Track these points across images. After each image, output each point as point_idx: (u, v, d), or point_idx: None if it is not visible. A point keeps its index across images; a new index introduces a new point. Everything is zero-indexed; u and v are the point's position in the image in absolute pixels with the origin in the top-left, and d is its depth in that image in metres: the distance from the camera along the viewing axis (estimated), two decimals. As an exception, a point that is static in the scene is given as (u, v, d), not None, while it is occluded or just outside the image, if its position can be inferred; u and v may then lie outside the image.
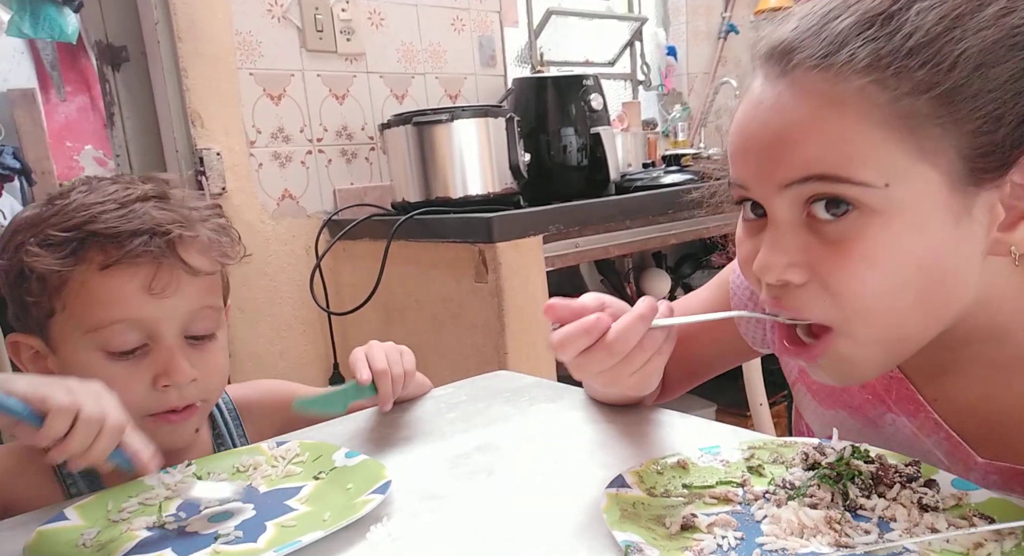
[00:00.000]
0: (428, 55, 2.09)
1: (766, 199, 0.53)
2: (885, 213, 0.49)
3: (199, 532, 0.58)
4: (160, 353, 0.71)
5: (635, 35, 2.74)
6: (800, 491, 0.53)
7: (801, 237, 0.52)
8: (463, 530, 0.55)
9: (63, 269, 0.68)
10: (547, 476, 0.63)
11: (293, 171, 1.87)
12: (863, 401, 0.65)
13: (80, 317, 0.70)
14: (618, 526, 0.49)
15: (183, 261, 0.72)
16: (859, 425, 0.66)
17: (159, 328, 0.71)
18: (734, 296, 0.78)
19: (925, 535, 0.48)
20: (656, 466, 0.59)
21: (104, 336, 0.70)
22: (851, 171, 0.49)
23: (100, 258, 0.69)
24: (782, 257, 0.52)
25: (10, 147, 2.63)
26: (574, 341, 0.55)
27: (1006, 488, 0.57)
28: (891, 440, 0.63)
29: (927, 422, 0.61)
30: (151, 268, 0.70)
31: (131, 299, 0.70)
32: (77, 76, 3.07)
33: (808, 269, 0.52)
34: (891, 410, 0.63)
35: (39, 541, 0.56)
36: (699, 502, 0.55)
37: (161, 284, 0.70)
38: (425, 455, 0.70)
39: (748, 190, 0.54)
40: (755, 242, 0.55)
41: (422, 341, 1.67)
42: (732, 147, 0.55)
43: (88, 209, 0.70)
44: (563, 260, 1.60)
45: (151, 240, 0.70)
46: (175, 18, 1.68)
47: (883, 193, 0.48)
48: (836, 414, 0.68)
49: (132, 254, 0.69)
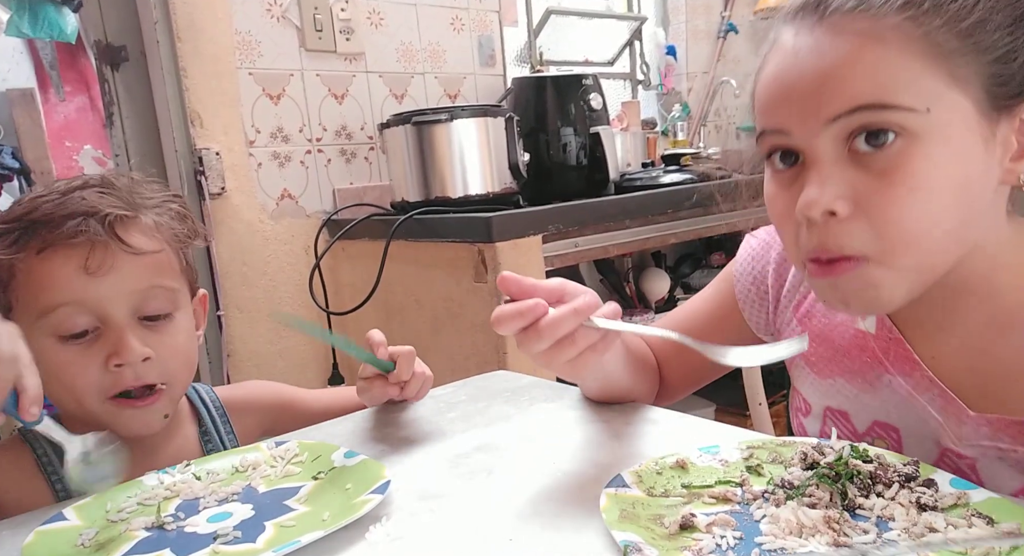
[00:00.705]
0: (427, 55, 2.09)
1: (808, 140, 0.56)
2: (926, 138, 0.53)
3: (198, 532, 0.58)
4: (110, 334, 0.72)
5: (634, 35, 2.74)
6: (799, 491, 0.53)
7: (846, 172, 0.55)
8: (463, 530, 0.55)
9: (6, 257, 0.71)
10: (547, 476, 0.63)
11: (292, 171, 1.87)
12: (861, 365, 0.68)
13: (29, 304, 0.71)
14: (617, 526, 0.49)
15: (120, 239, 0.73)
16: (856, 390, 0.68)
17: (106, 309, 0.72)
18: (738, 283, 0.81)
19: (924, 535, 0.48)
20: (655, 466, 0.59)
21: (53, 321, 0.71)
22: (896, 98, 0.53)
23: (37, 244, 0.71)
24: (829, 190, 0.55)
25: (9, 147, 2.63)
26: (509, 320, 0.58)
27: (995, 438, 0.59)
28: (887, 401, 0.66)
29: (922, 380, 0.63)
30: (85, 248, 0.71)
31: (70, 280, 0.71)
32: (76, 76, 3.07)
33: (853, 202, 0.55)
34: (888, 371, 0.66)
35: (37, 541, 0.56)
36: (698, 502, 0.55)
37: (96, 263, 0.71)
38: (425, 455, 0.70)
39: (788, 135, 0.57)
40: (789, 193, 0.58)
41: (422, 341, 1.67)
42: (768, 97, 0.59)
43: (32, 201, 0.73)
44: (562, 260, 1.60)
45: (84, 221, 0.71)
46: (175, 18, 1.68)
47: (925, 118, 0.53)
48: (833, 382, 0.70)
49: (65, 236, 0.70)
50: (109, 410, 0.73)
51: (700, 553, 0.47)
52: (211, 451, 0.86)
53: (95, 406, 0.73)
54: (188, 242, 0.80)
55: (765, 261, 0.79)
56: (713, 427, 0.71)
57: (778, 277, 0.77)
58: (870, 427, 0.68)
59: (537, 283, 0.61)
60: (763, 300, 0.79)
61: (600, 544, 0.50)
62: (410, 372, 0.79)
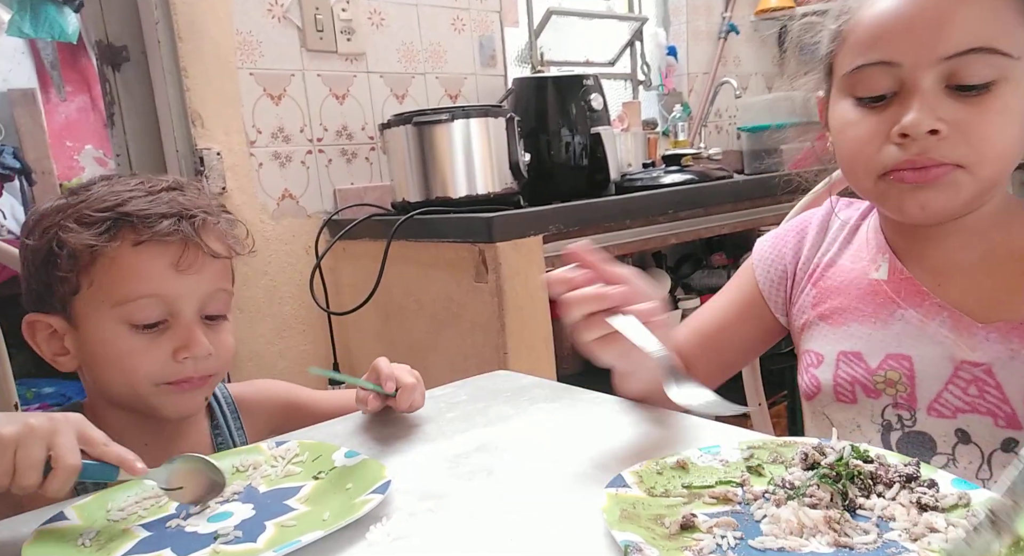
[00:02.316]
0: (428, 55, 2.09)
1: (916, 72, 0.65)
2: (1013, 81, 0.65)
3: (198, 532, 0.58)
4: (180, 328, 0.77)
5: (635, 35, 2.74)
6: (799, 491, 0.53)
7: (946, 101, 0.65)
8: (463, 530, 0.55)
9: (98, 244, 0.74)
10: (547, 476, 0.63)
11: (293, 171, 1.87)
12: (875, 308, 0.77)
13: (109, 291, 0.75)
14: (617, 526, 0.49)
15: (205, 243, 0.78)
16: (869, 330, 0.77)
17: (180, 305, 0.77)
18: (758, 269, 0.88)
19: (925, 535, 0.48)
20: (656, 466, 0.59)
21: (130, 309, 0.75)
22: (1002, 44, 0.64)
23: (132, 236, 0.75)
24: (932, 113, 0.65)
25: (10, 147, 2.63)
26: (555, 283, 0.67)
27: (1006, 343, 0.69)
28: (900, 334, 0.75)
29: (932, 308, 0.73)
30: (179, 247, 0.77)
31: (158, 275, 0.76)
32: (77, 76, 3.07)
33: (950, 124, 0.65)
34: (900, 307, 0.75)
35: (38, 541, 0.56)
36: (698, 502, 0.55)
37: (187, 262, 0.77)
38: (425, 455, 0.70)
39: (896, 67, 0.66)
40: (879, 118, 0.68)
41: (422, 341, 1.67)
42: (881, 29, 0.68)
43: (119, 195, 0.77)
44: (563, 260, 1.60)
45: (179, 222, 0.77)
46: (175, 18, 1.68)
47: (1016, 63, 0.64)
48: (848, 328, 0.79)
49: (161, 234, 0.75)
50: (158, 393, 0.78)
51: (701, 553, 0.47)
52: (221, 446, 0.88)
53: (146, 389, 0.77)
54: (242, 251, 0.85)
55: (782, 246, 0.88)
56: (713, 427, 0.71)
57: (795, 254, 0.87)
58: (883, 360, 0.75)
59: (598, 262, 0.67)
60: (782, 278, 0.87)
61: (600, 544, 0.50)
62: (408, 404, 0.79)
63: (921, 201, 0.68)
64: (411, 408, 0.80)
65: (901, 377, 0.74)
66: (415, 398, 0.80)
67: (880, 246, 0.79)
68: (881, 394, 0.75)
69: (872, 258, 0.79)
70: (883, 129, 0.68)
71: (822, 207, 0.89)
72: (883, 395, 0.75)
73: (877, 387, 0.75)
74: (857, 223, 0.84)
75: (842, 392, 0.77)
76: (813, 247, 0.85)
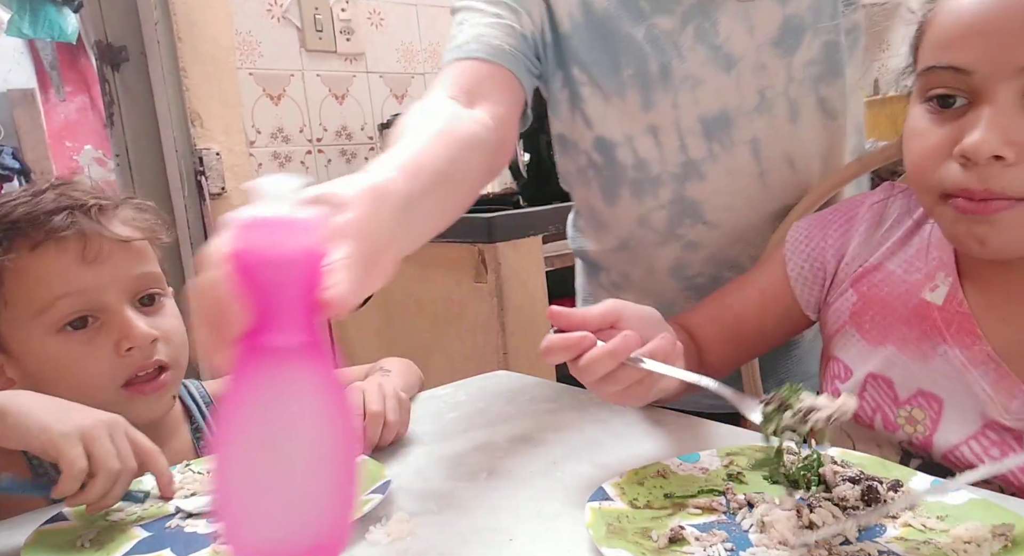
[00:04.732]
0: (428, 55, 2.09)
1: (992, 83, 0.57)
2: None
3: (198, 532, 0.58)
4: (112, 320, 0.73)
5: (635, 35, 2.73)
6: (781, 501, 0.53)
7: (1018, 119, 0.56)
8: (462, 530, 0.54)
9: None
10: (547, 476, 0.63)
11: (293, 171, 1.87)
12: (919, 334, 0.68)
13: (25, 303, 0.72)
14: (605, 542, 0.48)
15: (108, 229, 0.74)
16: (906, 359, 0.69)
17: (102, 297, 0.73)
18: (790, 262, 0.79)
19: (913, 536, 0.48)
20: (636, 476, 0.58)
21: (51, 315, 0.72)
22: None
23: (27, 242, 0.72)
24: (1001, 134, 0.56)
25: (9, 147, 2.64)
26: (557, 352, 0.59)
27: None
28: (936, 371, 0.67)
29: (979, 354, 0.64)
30: (78, 240, 0.73)
31: (66, 271, 0.72)
32: (77, 76, 3.07)
33: (1019, 149, 0.56)
34: (946, 342, 0.66)
35: (38, 541, 0.56)
36: (683, 512, 0.54)
37: (92, 253, 0.73)
38: (425, 455, 0.70)
39: (969, 75, 0.58)
40: (946, 130, 0.59)
41: (422, 341, 1.67)
42: (957, 32, 0.59)
43: (2, 208, 0.74)
44: (562, 260, 1.60)
45: (72, 214, 0.73)
46: (175, 18, 1.68)
47: None
48: (884, 350, 0.70)
49: (56, 230, 0.72)
50: (121, 399, 0.73)
51: (692, 567, 0.46)
52: (206, 449, 0.86)
53: (108, 396, 0.73)
54: (161, 232, 0.81)
55: (821, 238, 0.79)
56: (713, 427, 0.71)
57: (837, 250, 0.77)
58: (913, 395, 0.68)
59: (586, 314, 0.60)
60: (817, 277, 0.78)
61: (600, 544, 0.50)
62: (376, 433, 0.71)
63: (979, 236, 0.60)
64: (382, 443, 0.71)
65: (926, 417, 0.67)
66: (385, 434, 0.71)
67: (943, 262, 0.68)
68: (899, 429, 0.69)
69: (930, 273, 0.69)
70: (948, 143, 0.59)
71: (876, 192, 0.78)
72: (901, 431, 0.68)
73: (898, 421, 0.69)
74: (919, 220, 0.73)
75: (862, 415, 0.71)
76: (863, 244, 0.75)
